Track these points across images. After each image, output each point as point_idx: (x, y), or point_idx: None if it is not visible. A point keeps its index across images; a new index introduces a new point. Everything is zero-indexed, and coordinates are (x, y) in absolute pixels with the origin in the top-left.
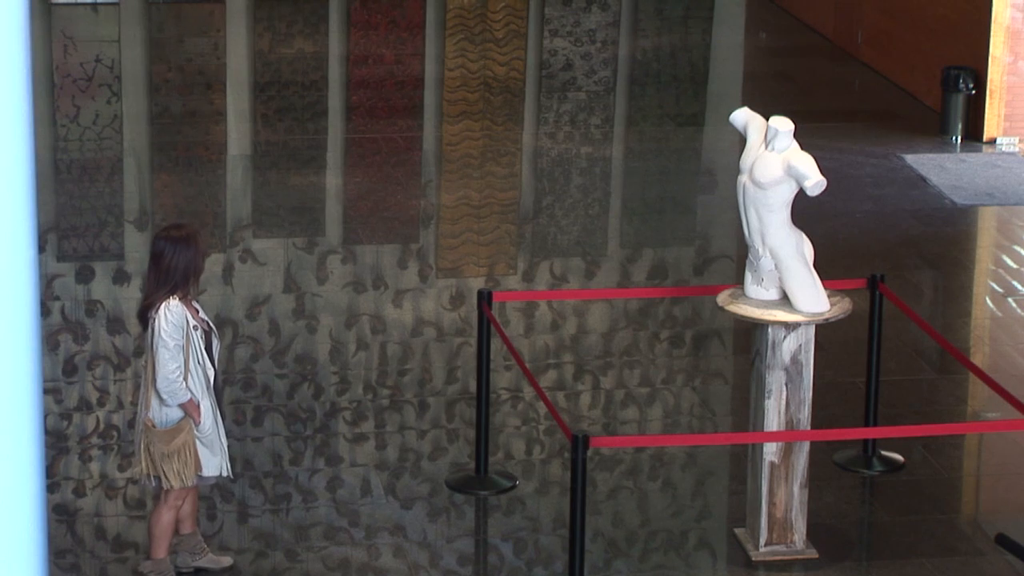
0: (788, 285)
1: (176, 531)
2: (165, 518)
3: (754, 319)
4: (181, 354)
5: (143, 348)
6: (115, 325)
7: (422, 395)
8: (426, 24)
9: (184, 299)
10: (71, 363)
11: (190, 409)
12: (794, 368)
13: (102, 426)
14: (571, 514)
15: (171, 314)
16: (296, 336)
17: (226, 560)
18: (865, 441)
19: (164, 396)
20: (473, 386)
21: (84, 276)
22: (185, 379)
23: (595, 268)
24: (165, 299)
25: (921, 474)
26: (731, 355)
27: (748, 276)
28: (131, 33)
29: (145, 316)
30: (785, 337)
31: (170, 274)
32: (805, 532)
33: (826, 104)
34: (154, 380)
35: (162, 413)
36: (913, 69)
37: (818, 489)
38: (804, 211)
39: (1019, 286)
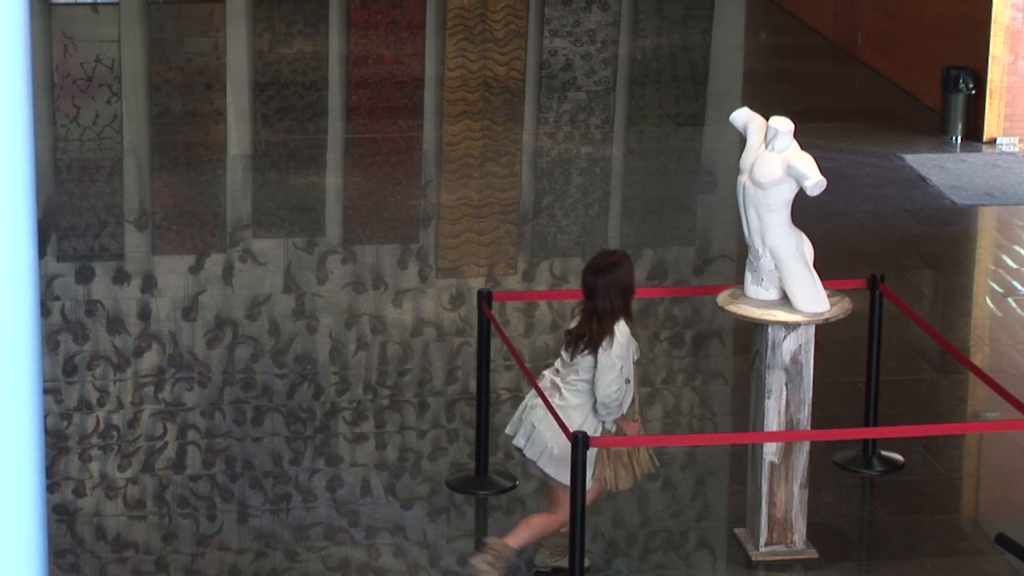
0: (788, 285)
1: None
2: (551, 523)
3: (754, 319)
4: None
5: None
6: (115, 325)
7: (422, 395)
8: (426, 24)
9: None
10: (71, 363)
11: (621, 424)
12: (794, 368)
13: (102, 426)
14: (571, 514)
15: (623, 337)
16: (296, 336)
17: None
18: (865, 441)
19: (602, 412)
20: (473, 386)
21: (84, 276)
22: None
23: None
24: (613, 324)
25: (921, 474)
26: (731, 355)
27: (748, 276)
28: (131, 33)
29: (595, 343)
30: (785, 337)
31: (609, 302)
32: (805, 532)
33: (826, 104)
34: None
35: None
36: (913, 69)
37: (818, 489)
38: (804, 211)
39: (1019, 286)
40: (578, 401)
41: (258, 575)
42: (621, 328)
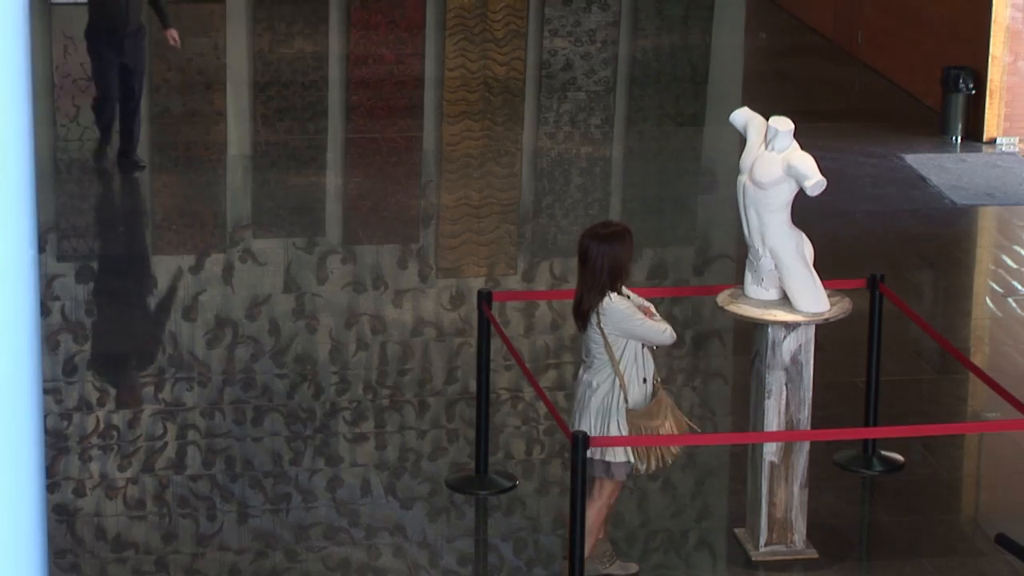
0: (788, 285)
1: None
2: (599, 512)
3: (754, 319)
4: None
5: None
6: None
7: (422, 395)
8: (426, 24)
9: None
10: (71, 363)
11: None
12: (794, 368)
13: (102, 426)
14: (571, 514)
15: (620, 304)
16: (296, 336)
17: (632, 567)
18: (865, 441)
19: (671, 341)
20: (473, 386)
21: (84, 276)
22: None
23: None
24: (601, 299)
25: (921, 474)
26: (731, 355)
27: (748, 276)
28: None
29: (585, 317)
30: (785, 337)
31: (597, 273)
32: (805, 532)
33: (826, 104)
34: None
35: (639, 392)
36: (913, 69)
37: (818, 489)
38: (804, 211)
39: (1019, 286)
40: (603, 378)
41: (258, 575)
42: (615, 298)
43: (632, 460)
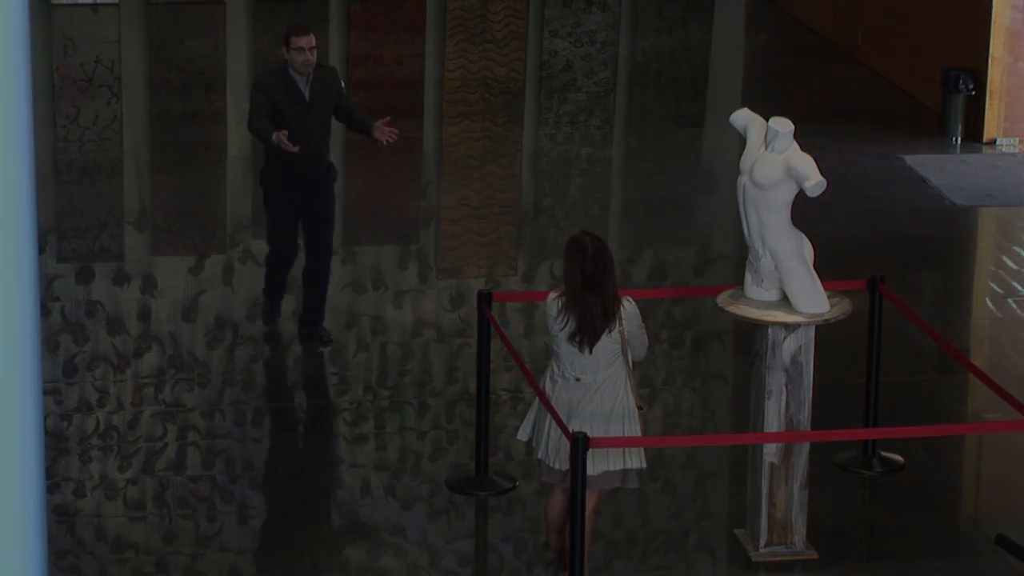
0: (788, 286)
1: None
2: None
3: (754, 320)
4: None
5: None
6: (115, 326)
7: (422, 396)
8: (426, 25)
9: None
10: (71, 364)
11: None
12: (794, 369)
13: (102, 427)
14: (571, 514)
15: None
16: (296, 337)
17: None
18: (865, 442)
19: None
20: (473, 387)
21: (84, 277)
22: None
23: None
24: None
25: (921, 475)
26: (731, 356)
27: (748, 277)
28: (131, 34)
29: (599, 335)
30: (785, 338)
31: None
32: (805, 533)
33: (826, 105)
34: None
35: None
36: (913, 70)
37: (818, 490)
38: (804, 212)
39: (1019, 287)
40: (615, 398)
41: None
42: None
43: (643, 465)
